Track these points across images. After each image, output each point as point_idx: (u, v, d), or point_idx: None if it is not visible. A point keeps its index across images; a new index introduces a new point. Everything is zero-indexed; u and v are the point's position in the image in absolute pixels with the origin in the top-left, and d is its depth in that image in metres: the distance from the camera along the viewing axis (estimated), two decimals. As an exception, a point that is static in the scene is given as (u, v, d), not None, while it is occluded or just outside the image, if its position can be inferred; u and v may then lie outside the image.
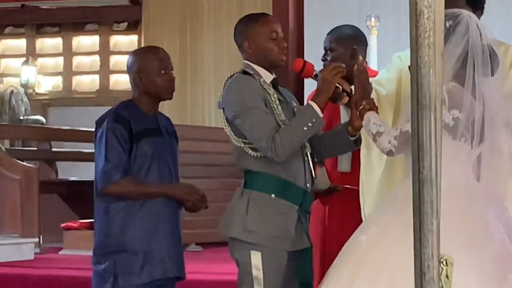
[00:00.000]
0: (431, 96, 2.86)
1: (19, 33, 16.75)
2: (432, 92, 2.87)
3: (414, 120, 2.87)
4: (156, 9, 15.25)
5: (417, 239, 2.86)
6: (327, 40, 6.22)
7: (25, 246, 9.30)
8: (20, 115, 15.39)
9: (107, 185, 5.44)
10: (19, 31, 16.76)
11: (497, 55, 4.89)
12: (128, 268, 5.41)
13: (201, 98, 14.71)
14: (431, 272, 2.85)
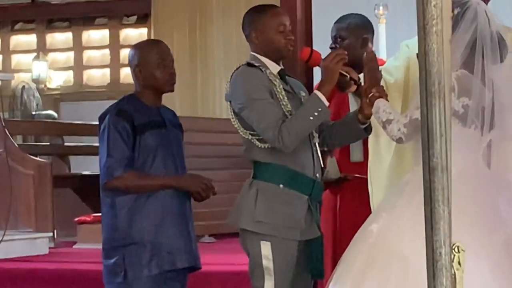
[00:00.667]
0: (440, 84, 2.84)
1: (30, 29, 16.77)
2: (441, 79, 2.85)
3: (423, 108, 2.85)
4: (165, 2, 15.25)
5: (428, 226, 2.84)
6: (336, 29, 6.23)
7: (39, 240, 9.33)
8: (32, 111, 15.41)
9: (110, 180, 5.44)
10: (30, 27, 16.77)
11: (505, 42, 4.88)
12: (137, 261, 5.41)
13: (212, 90, 14.71)
14: (443, 259, 2.83)
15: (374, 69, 5.20)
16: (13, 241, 8.92)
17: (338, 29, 6.22)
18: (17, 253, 8.89)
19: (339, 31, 6.21)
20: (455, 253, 2.85)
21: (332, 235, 6.01)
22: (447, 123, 2.85)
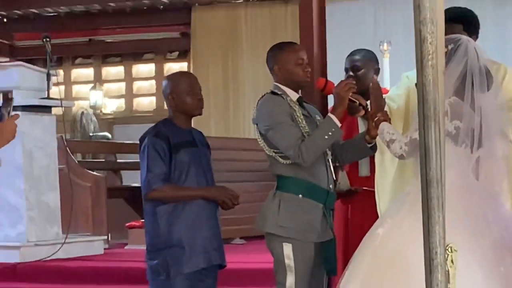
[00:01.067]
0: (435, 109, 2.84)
1: (87, 63, 16.85)
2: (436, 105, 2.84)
3: (421, 129, 2.84)
4: (202, 40, 15.29)
5: (425, 230, 2.83)
6: (351, 61, 6.20)
7: (96, 242, 9.35)
8: (90, 132, 15.48)
9: (150, 192, 5.45)
10: (88, 61, 16.85)
11: (491, 74, 4.88)
12: (177, 261, 5.41)
13: (241, 114, 14.75)
14: (439, 258, 2.82)
15: (378, 97, 5.22)
16: (74, 243, 8.94)
17: (353, 61, 6.20)
18: (77, 253, 8.90)
19: (354, 62, 6.20)
20: (449, 253, 2.85)
21: (343, 238, 5.99)
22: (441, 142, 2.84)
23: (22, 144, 8.49)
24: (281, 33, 13.59)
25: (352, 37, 12.91)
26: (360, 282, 4.64)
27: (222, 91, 14.94)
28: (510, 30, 13.50)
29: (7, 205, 8.60)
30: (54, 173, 8.97)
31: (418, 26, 2.82)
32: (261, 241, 5.64)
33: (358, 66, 6.17)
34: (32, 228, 8.61)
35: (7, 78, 8.75)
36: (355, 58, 6.24)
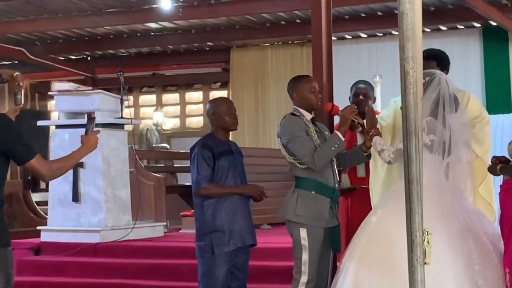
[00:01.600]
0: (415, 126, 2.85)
1: (151, 91, 16.85)
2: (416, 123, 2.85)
3: (404, 141, 2.85)
4: (239, 74, 15.31)
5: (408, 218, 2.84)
6: (360, 88, 6.21)
7: (157, 227, 9.34)
8: (153, 144, 15.49)
9: (198, 190, 5.46)
10: (151, 90, 16.86)
11: (458, 99, 4.88)
12: (220, 242, 5.41)
13: (268, 130, 14.71)
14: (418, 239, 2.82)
15: (372, 118, 5.23)
16: (141, 228, 8.95)
17: (362, 89, 6.21)
18: (143, 235, 8.91)
19: (363, 90, 6.20)
20: (425, 235, 2.84)
21: (345, 224, 5.98)
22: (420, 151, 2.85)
23: (102, 152, 8.53)
24: (298, 68, 13.56)
25: (352, 71, 12.88)
26: (358, 258, 4.64)
27: (253, 112, 14.92)
28: (472, 65, 13.43)
29: (90, 198, 8.63)
30: (126, 174, 9.00)
31: (402, 63, 2.84)
32: (282, 227, 5.64)
33: (365, 94, 6.19)
34: (109, 216, 8.63)
35: (90, 102, 8.79)
36: (363, 87, 6.26)
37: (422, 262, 2.81)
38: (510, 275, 4.50)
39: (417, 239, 2.82)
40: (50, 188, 8.97)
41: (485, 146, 5.33)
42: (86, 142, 4.31)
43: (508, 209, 4.58)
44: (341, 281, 4.66)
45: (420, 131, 2.87)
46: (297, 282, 5.16)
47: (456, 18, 13.06)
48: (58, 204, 8.77)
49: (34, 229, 9.23)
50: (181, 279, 7.40)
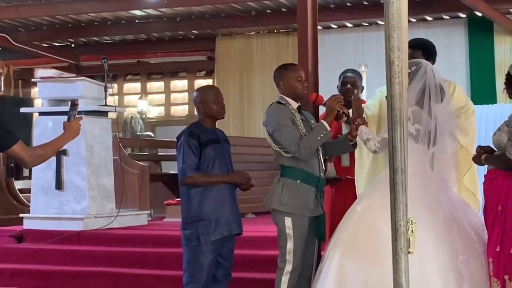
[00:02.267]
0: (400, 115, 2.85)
1: (136, 79, 16.82)
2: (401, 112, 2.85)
3: (389, 131, 2.85)
4: (224, 63, 15.29)
5: (392, 207, 2.85)
6: (349, 77, 6.23)
7: (141, 216, 9.33)
8: (137, 132, 15.45)
9: (184, 179, 5.45)
10: (136, 78, 16.82)
11: (444, 89, 4.88)
12: (206, 231, 5.41)
13: (253, 119, 14.73)
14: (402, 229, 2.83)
15: (358, 107, 5.23)
16: (125, 216, 8.94)
17: (350, 77, 6.23)
18: (127, 223, 8.90)
19: (351, 78, 6.22)
20: (410, 225, 2.85)
21: (330, 214, 5.99)
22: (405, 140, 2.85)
23: (85, 139, 8.51)
24: (284, 57, 13.55)
25: (338, 60, 12.89)
26: (343, 246, 4.65)
27: (238, 101, 14.92)
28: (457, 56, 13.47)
29: (73, 186, 8.61)
30: (110, 162, 8.98)
31: (388, 52, 2.84)
32: (267, 216, 5.65)
33: (354, 83, 6.21)
34: (93, 204, 8.62)
35: (74, 90, 8.76)
36: (352, 76, 6.27)
37: (406, 251, 2.82)
38: (494, 264, 4.53)
39: (401, 228, 2.83)
40: (33, 175, 8.94)
41: (470, 136, 5.35)
42: (68, 128, 4.29)
43: (492, 199, 4.60)
44: (325, 269, 4.67)
45: (405, 121, 2.87)
46: (281, 271, 5.17)
47: (442, 8, 13.10)
48: (41, 191, 8.75)
49: (17, 217, 9.21)
50: (165, 267, 7.40)
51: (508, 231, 4.49)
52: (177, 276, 6.31)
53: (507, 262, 4.48)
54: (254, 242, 7.45)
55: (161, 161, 12.97)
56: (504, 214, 4.52)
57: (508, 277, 4.47)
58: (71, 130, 4.28)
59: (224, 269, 5.61)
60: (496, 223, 4.56)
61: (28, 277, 7.73)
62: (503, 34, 13.37)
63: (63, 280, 7.60)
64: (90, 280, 7.50)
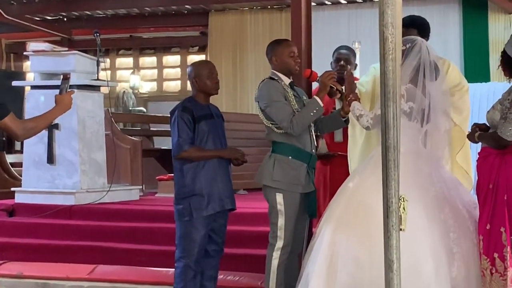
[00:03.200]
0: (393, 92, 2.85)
1: (128, 54, 16.78)
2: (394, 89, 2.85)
3: (382, 107, 2.85)
4: (217, 38, 15.24)
5: (384, 184, 2.85)
6: (342, 54, 6.22)
7: (133, 191, 9.32)
8: (129, 107, 15.42)
9: (179, 153, 5.44)
10: (128, 53, 16.78)
11: (438, 67, 4.87)
12: (198, 206, 5.42)
13: (246, 95, 14.71)
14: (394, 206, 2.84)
15: (351, 83, 5.22)
16: (116, 191, 8.94)
17: (344, 54, 6.22)
18: (119, 198, 8.90)
19: (344, 55, 6.21)
20: (401, 202, 2.85)
21: (323, 190, 6.01)
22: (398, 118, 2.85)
23: (77, 114, 8.49)
24: (277, 33, 13.50)
25: (331, 37, 12.87)
26: (335, 223, 4.66)
27: (231, 76, 14.89)
28: (451, 33, 13.46)
29: (65, 160, 8.59)
30: (102, 137, 8.96)
31: (381, 29, 2.83)
32: (259, 192, 5.66)
33: (347, 59, 6.20)
34: (84, 179, 8.61)
35: (66, 63, 8.72)
36: (342, 52, 6.26)
37: (398, 228, 2.83)
38: (484, 242, 4.55)
39: (393, 205, 2.84)
40: (25, 149, 8.92)
41: (464, 115, 5.36)
42: (60, 102, 4.28)
43: (484, 177, 4.61)
44: (317, 245, 4.68)
45: (398, 98, 2.87)
46: (272, 247, 5.18)
47: (436, -15, 13.07)
48: (32, 165, 8.73)
49: (9, 191, 9.19)
50: (157, 242, 7.41)
51: (499, 209, 4.50)
52: (169, 251, 6.34)
53: (497, 240, 4.50)
54: (246, 218, 7.46)
55: (153, 137, 12.97)
56: (495, 192, 4.53)
57: (498, 255, 4.49)
58: (63, 103, 4.27)
59: (216, 244, 5.62)
60: (487, 201, 4.57)
61: (19, 251, 7.74)
62: (497, 12, 13.34)
63: (54, 254, 7.60)
64: (81, 254, 7.51)
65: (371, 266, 4.31)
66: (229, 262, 6.40)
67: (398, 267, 2.83)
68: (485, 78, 12.36)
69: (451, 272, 4.48)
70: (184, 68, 15.86)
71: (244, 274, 6.64)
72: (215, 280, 5.74)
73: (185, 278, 5.48)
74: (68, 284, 6.95)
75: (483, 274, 4.55)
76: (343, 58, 6.20)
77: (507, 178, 4.48)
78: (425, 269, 4.37)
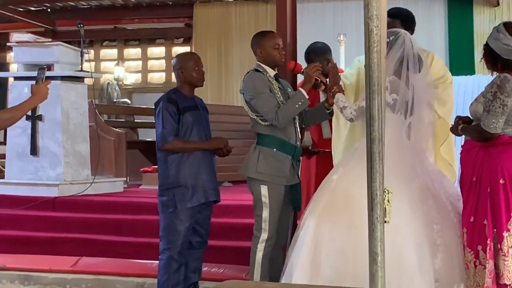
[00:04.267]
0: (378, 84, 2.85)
1: (113, 45, 16.72)
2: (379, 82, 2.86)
3: (367, 100, 2.86)
4: (202, 30, 15.22)
5: (369, 176, 2.86)
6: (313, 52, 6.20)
7: (117, 183, 9.31)
8: (114, 99, 15.38)
9: (164, 144, 5.43)
10: (113, 44, 16.73)
11: (422, 59, 4.89)
12: (182, 197, 5.42)
13: (231, 87, 14.71)
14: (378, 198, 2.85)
15: (335, 74, 5.22)
16: (100, 183, 8.92)
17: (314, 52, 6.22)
18: (103, 190, 8.88)
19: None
20: (386, 194, 2.86)
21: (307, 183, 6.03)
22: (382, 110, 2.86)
23: (61, 105, 8.47)
24: (262, 25, 13.50)
25: (316, 30, 12.89)
26: (319, 215, 4.67)
27: (216, 68, 14.88)
28: (436, 26, 13.51)
29: (49, 152, 8.57)
30: (86, 129, 8.93)
31: (367, 21, 2.83)
32: (243, 185, 5.67)
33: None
34: (68, 170, 8.59)
35: (49, 54, 8.70)
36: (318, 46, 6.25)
37: (382, 221, 2.84)
38: (467, 235, 4.57)
39: (378, 197, 2.84)
40: (8, 141, 8.88)
41: (448, 107, 5.37)
42: (36, 92, 4.27)
43: (467, 169, 4.63)
44: (301, 237, 4.69)
45: (383, 90, 2.88)
46: (257, 239, 5.20)
47: (422, -22, 13.09)
48: (15, 157, 8.70)
49: (-9, 182, 9.16)
50: (141, 234, 7.40)
51: (482, 202, 4.52)
52: (153, 243, 6.33)
53: (480, 232, 4.52)
54: (230, 210, 7.46)
55: (137, 128, 12.94)
56: (479, 185, 4.55)
57: (482, 247, 4.51)
58: (39, 94, 4.26)
59: (200, 236, 5.63)
60: (470, 194, 4.59)
61: (2, 243, 7.70)
62: (483, 5, 13.39)
63: (38, 246, 7.58)
64: (65, 246, 7.49)
65: (355, 258, 4.32)
66: (213, 254, 6.40)
67: (382, 259, 2.85)
68: (470, 71, 12.40)
69: (435, 264, 4.50)
70: (168, 60, 15.84)
71: (228, 266, 6.65)
72: (199, 272, 5.75)
73: (169, 270, 5.48)
74: (51, 276, 6.93)
75: (467, 267, 4.57)
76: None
77: (491, 171, 4.51)
78: (409, 261, 4.39)
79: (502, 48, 4.56)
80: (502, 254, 4.49)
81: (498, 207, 4.48)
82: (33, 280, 6.95)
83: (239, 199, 7.76)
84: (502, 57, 4.56)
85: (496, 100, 4.48)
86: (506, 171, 4.48)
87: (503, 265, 4.50)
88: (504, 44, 4.55)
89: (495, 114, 4.48)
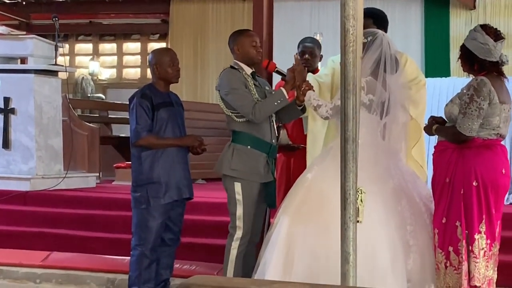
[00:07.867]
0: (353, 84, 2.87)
1: (88, 40, 16.65)
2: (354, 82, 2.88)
3: (342, 99, 2.87)
4: (178, 26, 15.19)
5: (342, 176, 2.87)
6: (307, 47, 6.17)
7: (90, 178, 9.27)
8: (88, 94, 15.33)
9: (137, 140, 5.42)
10: (88, 38, 16.65)
11: (398, 60, 4.91)
12: (156, 194, 5.41)
13: (206, 84, 14.70)
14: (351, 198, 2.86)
15: (301, 71, 5.16)
16: (73, 178, 8.88)
17: (309, 47, 6.19)
18: (75, 185, 8.84)
19: (309, 48, 6.19)
20: (359, 194, 2.88)
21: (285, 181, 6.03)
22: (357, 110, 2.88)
23: (34, 99, 8.41)
24: (239, 24, 13.51)
25: (293, 28, 12.91)
26: (292, 214, 4.68)
27: (192, 65, 14.86)
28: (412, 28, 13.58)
29: (21, 146, 8.52)
30: (59, 123, 8.89)
31: (343, 20, 2.85)
32: (217, 182, 5.67)
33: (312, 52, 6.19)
34: (40, 165, 8.54)
35: (23, 48, 8.65)
36: (307, 44, 6.25)
37: (355, 220, 2.86)
38: (439, 236, 4.61)
39: (351, 197, 2.86)
40: (-20, 134, 8.82)
41: (420, 109, 5.40)
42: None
43: (440, 170, 4.67)
44: (274, 236, 4.69)
45: (358, 90, 2.90)
46: (232, 237, 5.20)
47: (399, -20, 13.16)
48: (-13, 150, 8.65)
49: (-38, 175, 9.09)
50: (113, 230, 7.38)
51: (455, 203, 4.56)
52: (125, 239, 6.32)
53: (452, 234, 4.56)
54: (203, 207, 7.46)
55: (111, 124, 12.89)
56: (452, 187, 4.58)
57: (453, 248, 4.55)
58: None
59: (173, 233, 5.63)
60: (443, 195, 4.62)
61: (-28, 236, 7.66)
62: (459, 8, 13.48)
63: (8, 240, 7.53)
64: (36, 241, 7.46)
65: (327, 257, 4.32)
66: (186, 251, 6.40)
67: (354, 259, 2.87)
68: (446, 73, 12.48)
69: (407, 265, 4.53)
70: (144, 56, 15.80)
71: (200, 263, 6.65)
72: (171, 268, 5.75)
73: (141, 266, 5.48)
74: (21, 270, 6.89)
75: (438, 267, 4.61)
76: (307, 51, 6.19)
77: (464, 173, 4.54)
78: (381, 261, 4.41)
79: (479, 47, 4.58)
80: (473, 256, 4.53)
81: (471, 209, 4.52)
82: (3, 274, 6.91)
83: (212, 197, 7.76)
84: (478, 57, 4.59)
85: (473, 103, 4.51)
86: (479, 173, 4.52)
87: (474, 267, 4.54)
88: (481, 43, 4.58)
89: (471, 117, 4.51)
